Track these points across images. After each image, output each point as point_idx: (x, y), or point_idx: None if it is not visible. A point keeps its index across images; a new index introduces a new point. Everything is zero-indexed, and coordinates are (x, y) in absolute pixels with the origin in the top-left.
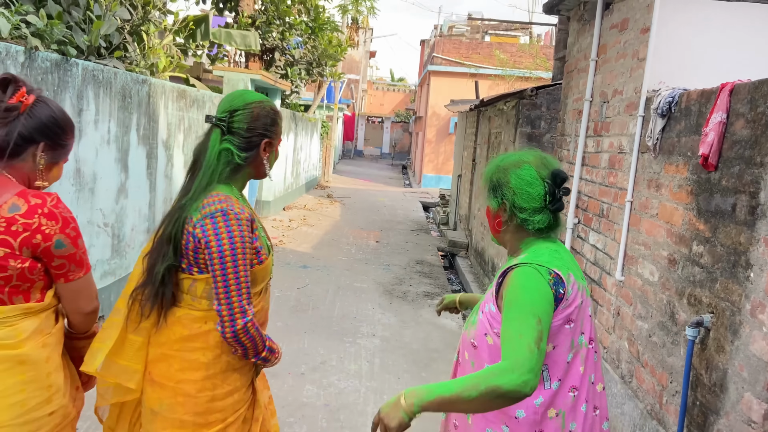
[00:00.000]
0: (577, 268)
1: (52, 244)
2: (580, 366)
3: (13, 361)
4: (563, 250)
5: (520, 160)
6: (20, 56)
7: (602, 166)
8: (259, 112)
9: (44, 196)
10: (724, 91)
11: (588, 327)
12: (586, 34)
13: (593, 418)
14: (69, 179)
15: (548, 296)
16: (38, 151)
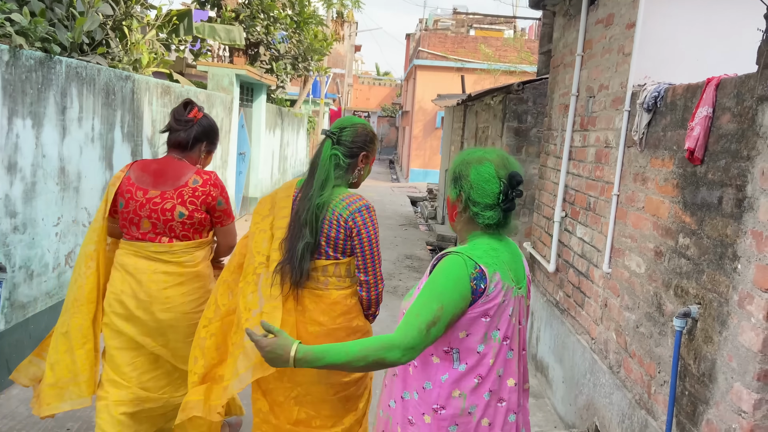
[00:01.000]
0: (513, 270)
1: (215, 202)
2: (491, 358)
3: (193, 275)
4: (506, 249)
5: (482, 157)
6: (5, 55)
7: (589, 160)
8: (361, 131)
9: (210, 173)
10: (710, 85)
11: (505, 326)
12: (571, 29)
13: (497, 408)
14: (53, 178)
15: (462, 287)
16: (202, 147)
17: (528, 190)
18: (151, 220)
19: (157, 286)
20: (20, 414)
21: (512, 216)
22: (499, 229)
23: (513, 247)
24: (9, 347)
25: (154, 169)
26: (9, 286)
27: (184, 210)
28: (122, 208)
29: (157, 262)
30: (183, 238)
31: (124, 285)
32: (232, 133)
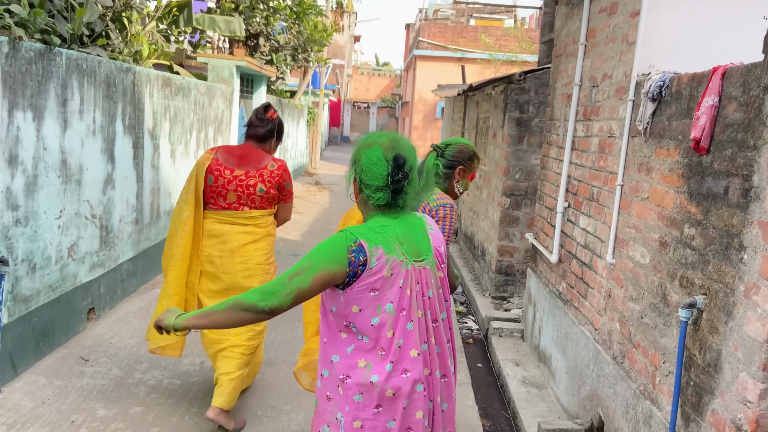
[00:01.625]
0: (407, 244)
1: (285, 183)
2: (388, 330)
3: (265, 234)
4: (398, 225)
5: (373, 141)
6: (4, 47)
7: (592, 150)
8: (463, 149)
9: (282, 161)
10: (716, 74)
11: (398, 298)
12: (574, 18)
13: (401, 378)
14: (55, 171)
15: (336, 253)
16: (273, 140)
17: (530, 181)
18: (236, 193)
19: (239, 243)
20: (24, 407)
21: (404, 196)
22: (391, 209)
23: (413, 222)
24: (12, 340)
25: (238, 153)
26: (11, 280)
27: (263, 187)
28: (211, 183)
29: (238, 225)
30: (260, 208)
31: (213, 248)
32: (233, 125)
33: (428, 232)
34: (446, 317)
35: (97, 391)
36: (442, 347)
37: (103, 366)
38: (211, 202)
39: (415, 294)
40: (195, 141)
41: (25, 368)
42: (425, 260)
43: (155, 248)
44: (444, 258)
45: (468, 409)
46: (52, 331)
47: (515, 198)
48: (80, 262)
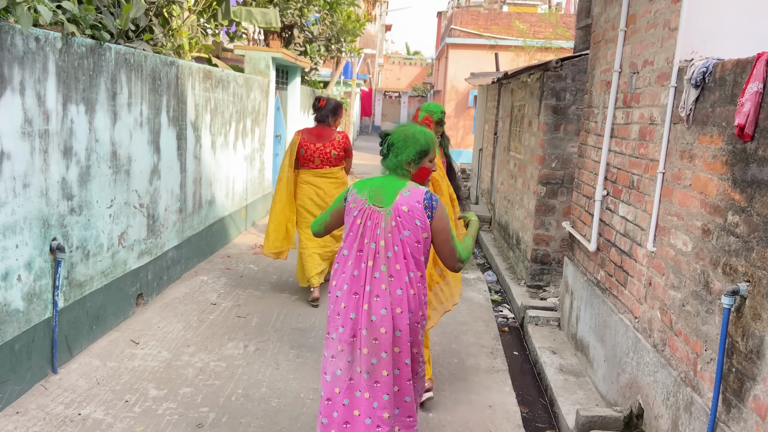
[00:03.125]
0: (374, 193)
1: (348, 146)
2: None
3: (342, 182)
4: (379, 182)
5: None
6: (58, 42)
7: (632, 137)
8: None
9: (343, 132)
10: (760, 60)
11: (350, 223)
12: (613, 3)
13: (339, 277)
14: (106, 162)
15: (340, 197)
16: (330, 118)
17: (566, 169)
18: (320, 158)
19: (328, 188)
20: (80, 387)
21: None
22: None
23: (393, 183)
24: (68, 324)
25: (315, 133)
26: (67, 266)
27: (336, 152)
28: (303, 154)
29: (325, 177)
30: (335, 165)
31: (310, 190)
32: (269, 116)
33: (400, 193)
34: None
35: (149, 372)
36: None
37: (152, 349)
38: (306, 165)
39: (364, 225)
40: (234, 132)
41: (79, 350)
42: (383, 208)
43: (198, 236)
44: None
45: (506, 395)
46: (105, 315)
47: (551, 186)
48: (129, 250)
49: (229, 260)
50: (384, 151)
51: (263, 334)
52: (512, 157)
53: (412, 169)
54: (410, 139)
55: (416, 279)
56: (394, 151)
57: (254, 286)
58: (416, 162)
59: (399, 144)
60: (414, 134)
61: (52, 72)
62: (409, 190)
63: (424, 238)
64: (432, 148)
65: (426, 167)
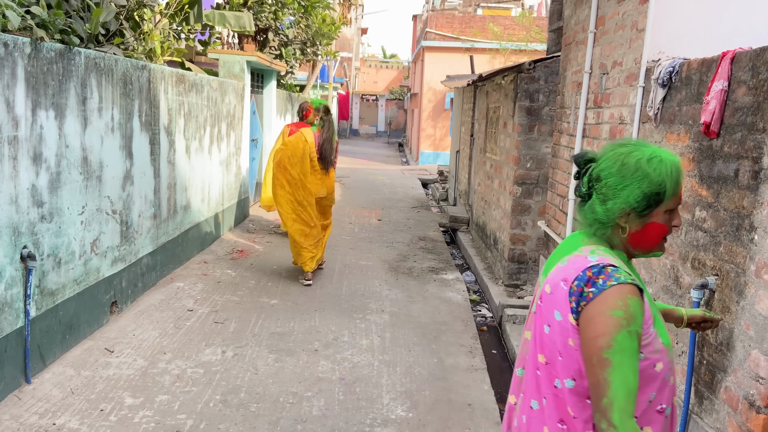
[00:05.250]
0: (549, 264)
1: None
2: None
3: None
4: (565, 241)
5: None
6: (27, 48)
7: (603, 137)
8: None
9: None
10: (725, 59)
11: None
12: (583, 6)
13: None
14: (77, 168)
15: None
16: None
17: (541, 169)
18: None
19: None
20: (54, 397)
21: (587, 206)
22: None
23: (570, 243)
24: (40, 333)
25: (297, 125)
26: (38, 274)
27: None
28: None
29: None
30: None
31: None
32: (245, 120)
33: (563, 261)
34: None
35: (124, 381)
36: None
37: (127, 357)
38: None
39: (532, 310)
40: (209, 136)
41: (53, 360)
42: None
43: (173, 242)
44: (543, 296)
45: (484, 393)
46: (78, 323)
47: (527, 187)
48: (102, 257)
49: (206, 266)
50: (583, 189)
51: (241, 339)
52: (488, 159)
53: (631, 225)
54: (633, 171)
55: (555, 413)
56: (601, 189)
57: (232, 291)
58: (640, 213)
59: (612, 179)
60: (640, 162)
61: (20, 77)
62: (573, 257)
63: (570, 348)
64: (673, 186)
65: (658, 224)
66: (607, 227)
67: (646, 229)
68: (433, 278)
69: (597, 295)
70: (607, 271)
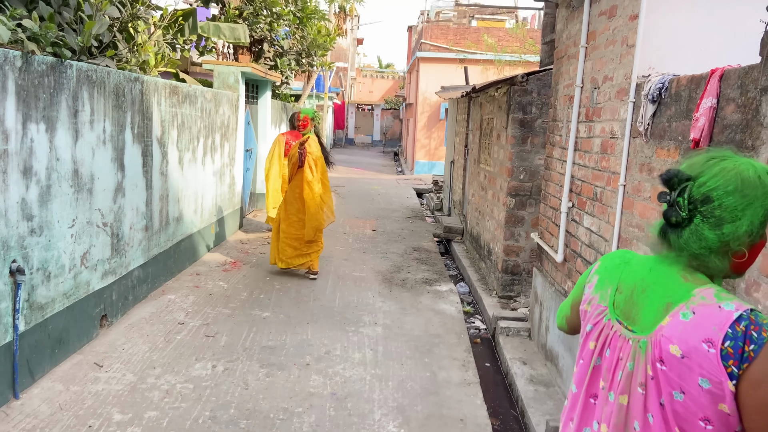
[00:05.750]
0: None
1: None
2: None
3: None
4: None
5: None
6: (17, 61)
7: (594, 151)
8: None
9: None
10: (714, 76)
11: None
12: (575, 20)
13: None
14: (67, 181)
15: (584, 278)
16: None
17: (534, 181)
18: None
19: None
20: (42, 412)
21: (687, 233)
22: (665, 247)
23: (669, 283)
24: (29, 347)
25: (292, 134)
26: (27, 288)
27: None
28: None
29: None
30: None
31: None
32: (239, 130)
33: (675, 313)
34: (647, 428)
35: (113, 396)
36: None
37: (117, 371)
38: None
39: (601, 352)
40: (202, 147)
41: (42, 375)
42: (634, 333)
43: (165, 254)
44: (667, 359)
45: (477, 408)
46: (67, 337)
47: (520, 198)
48: (92, 270)
49: (198, 278)
50: (682, 214)
51: (232, 353)
52: (482, 169)
53: (746, 246)
54: (756, 187)
55: None
56: (713, 212)
57: (223, 304)
58: (760, 234)
59: (731, 199)
60: (763, 177)
61: (11, 91)
62: (698, 307)
63: (723, 413)
64: None
65: (764, 241)
66: (717, 255)
67: (755, 249)
68: (427, 290)
69: (759, 353)
70: (752, 318)
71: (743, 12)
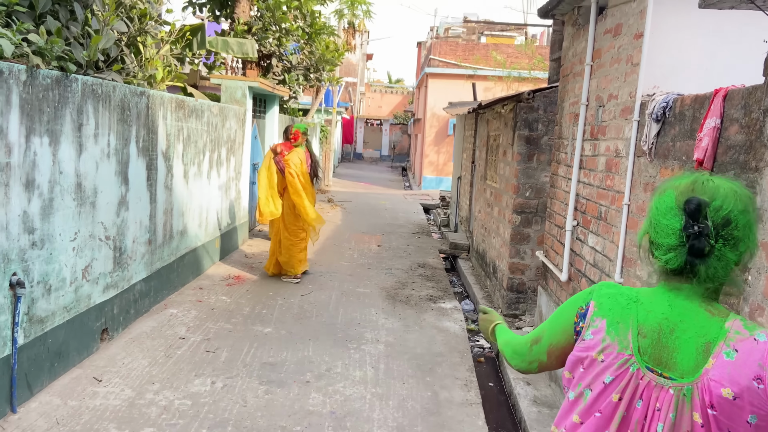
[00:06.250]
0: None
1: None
2: (574, 415)
3: None
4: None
5: (668, 185)
6: (22, 75)
7: (599, 169)
8: None
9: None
10: (717, 96)
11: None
12: (580, 38)
13: None
14: (70, 194)
15: (565, 318)
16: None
17: (540, 198)
18: None
19: None
20: (39, 427)
21: (707, 262)
22: (683, 280)
23: (697, 319)
24: (28, 361)
25: (285, 145)
26: (27, 301)
27: None
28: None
29: None
30: None
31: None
32: (245, 145)
33: (718, 354)
34: None
35: (110, 412)
36: None
37: (115, 386)
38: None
39: (629, 408)
40: (208, 161)
41: (40, 389)
42: (673, 380)
43: (168, 268)
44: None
45: (478, 429)
46: (67, 351)
47: (526, 215)
48: (94, 283)
49: (201, 292)
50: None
51: (232, 369)
52: (489, 186)
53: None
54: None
55: None
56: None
57: (225, 319)
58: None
59: (743, 218)
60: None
61: (15, 104)
62: (737, 344)
63: None
64: None
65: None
66: (734, 276)
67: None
68: (431, 307)
69: None
70: None
71: (748, 32)
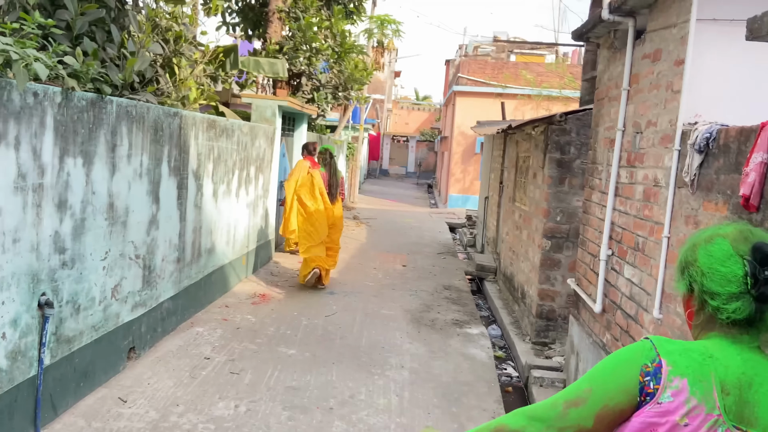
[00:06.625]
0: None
1: None
2: None
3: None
4: (735, 362)
5: (713, 234)
6: (57, 97)
7: (636, 198)
8: None
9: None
10: (765, 129)
11: None
12: (617, 62)
13: None
14: (102, 214)
15: (624, 376)
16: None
17: (572, 223)
18: None
19: None
20: None
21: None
22: (750, 329)
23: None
24: (54, 381)
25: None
26: (55, 321)
27: None
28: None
29: None
30: None
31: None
32: (274, 162)
33: None
34: None
35: None
36: None
37: (140, 408)
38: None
39: None
40: (237, 180)
41: (65, 409)
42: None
43: (196, 286)
44: None
45: None
46: (93, 371)
47: (556, 240)
48: (123, 302)
49: (227, 310)
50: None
51: (255, 392)
52: (517, 208)
53: None
54: None
55: None
56: None
57: (250, 339)
58: None
59: None
60: None
61: (49, 126)
62: None
63: None
64: None
65: None
66: None
67: None
68: (457, 332)
69: None
70: None
71: None
